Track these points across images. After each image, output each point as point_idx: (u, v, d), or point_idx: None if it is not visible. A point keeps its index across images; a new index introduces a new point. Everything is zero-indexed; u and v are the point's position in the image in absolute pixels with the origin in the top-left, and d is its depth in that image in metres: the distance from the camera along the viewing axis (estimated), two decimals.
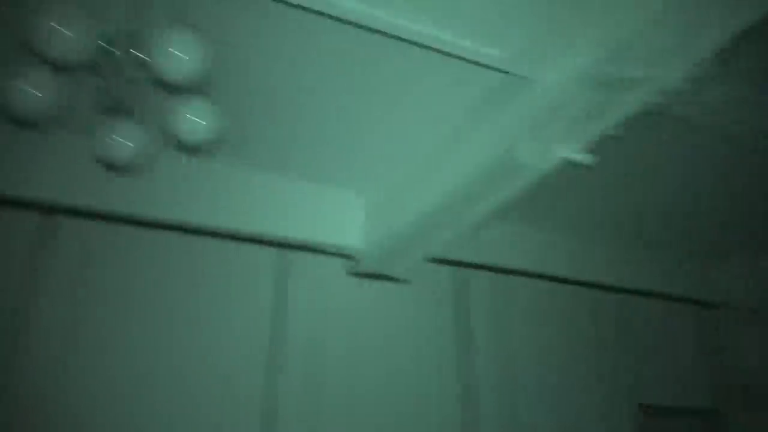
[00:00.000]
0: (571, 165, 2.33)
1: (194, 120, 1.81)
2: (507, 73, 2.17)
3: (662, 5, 1.64)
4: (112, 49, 1.73)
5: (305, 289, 3.29)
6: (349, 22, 1.89)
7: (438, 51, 2.07)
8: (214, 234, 3.08)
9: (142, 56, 1.73)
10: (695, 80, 2.07)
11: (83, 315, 2.73)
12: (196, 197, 2.94)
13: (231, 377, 2.93)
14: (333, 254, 3.38)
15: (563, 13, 1.96)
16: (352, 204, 3.33)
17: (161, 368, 2.79)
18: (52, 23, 1.49)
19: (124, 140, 1.93)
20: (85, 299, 2.75)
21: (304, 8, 1.81)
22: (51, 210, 2.76)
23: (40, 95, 1.66)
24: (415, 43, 2.02)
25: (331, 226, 3.27)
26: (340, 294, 3.38)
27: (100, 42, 1.66)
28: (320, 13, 1.85)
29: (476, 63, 2.14)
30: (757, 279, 4.43)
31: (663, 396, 4.29)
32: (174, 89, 1.82)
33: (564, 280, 4.10)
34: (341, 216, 3.30)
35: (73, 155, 2.65)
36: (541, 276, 4.00)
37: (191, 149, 2.55)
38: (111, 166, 2.15)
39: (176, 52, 1.64)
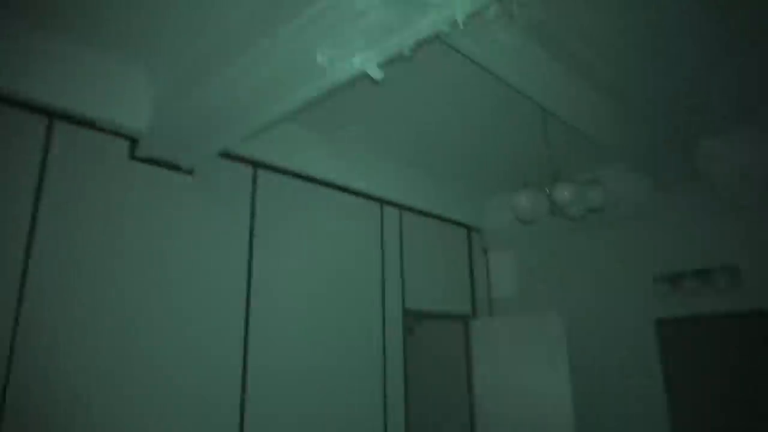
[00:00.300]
0: (365, 77, 2.40)
1: None
2: None
3: None
4: None
5: (74, 166, 2.93)
6: None
7: None
8: None
9: None
10: (480, 19, 2.24)
11: None
12: None
13: None
14: (114, 133, 3.07)
15: None
16: (141, 83, 3.01)
17: None
18: None
19: None
20: None
21: None
22: None
23: None
24: None
25: (114, 102, 2.94)
26: (116, 177, 3.09)
27: None
28: None
29: None
30: (509, 212, 5.19)
31: (430, 303, 4.91)
32: None
33: (354, 191, 4.33)
34: (127, 93, 2.98)
35: None
36: (331, 184, 4.15)
37: None
38: None
39: None
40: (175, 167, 3.29)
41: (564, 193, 3.09)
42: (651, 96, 3.47)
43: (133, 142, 3.13)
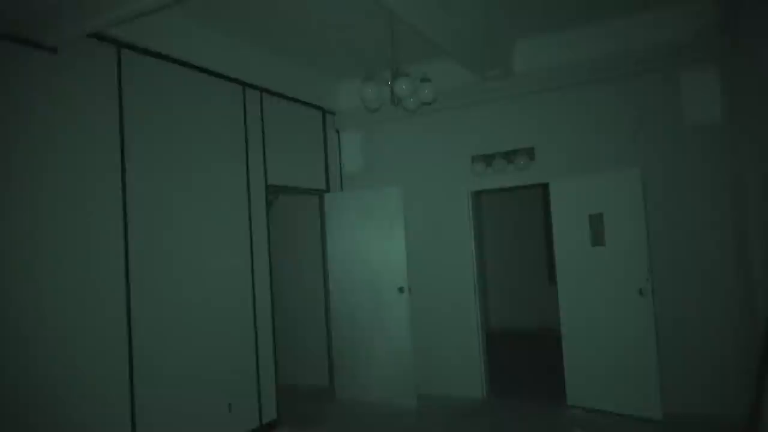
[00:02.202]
0: None
1: None
2: None
3: None
4: None
5: None
6: None
7: None
8: None
9: None
10: None
11: None
12: None
13: None
14: None
15: None
16: None
17: None
18: None
19: None
20: None
21: None
22: None
23: None
24: None
25: None
26: None
27: None
28: None
29: None
30: (358, 97, 5.81)
31: (289, 179, 5.49)
32: None
33: (217, 74, 4.59)
34: None
35: None
36: (197, 67, 4.39)
37: None
38: None
39: None
40: (35, 44, 3.30)
41: (402, 86, 3.76)
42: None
43: None
